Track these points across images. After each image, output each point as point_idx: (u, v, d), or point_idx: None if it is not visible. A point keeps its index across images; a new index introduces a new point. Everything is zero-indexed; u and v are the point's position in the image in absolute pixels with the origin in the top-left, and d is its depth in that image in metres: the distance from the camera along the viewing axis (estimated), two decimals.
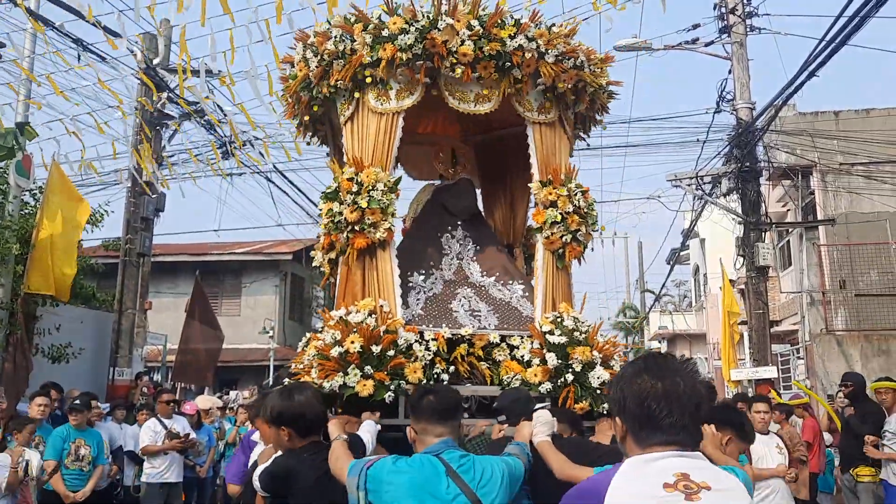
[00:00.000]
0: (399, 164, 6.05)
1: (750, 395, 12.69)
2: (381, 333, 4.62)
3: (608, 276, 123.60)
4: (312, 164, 16.77)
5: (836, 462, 8.17)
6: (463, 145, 6.56)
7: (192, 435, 8.50)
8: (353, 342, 4.53)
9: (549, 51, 5.08)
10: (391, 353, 4.59)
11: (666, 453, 1.99)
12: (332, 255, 5.16)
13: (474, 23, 4.93)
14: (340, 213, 4.90)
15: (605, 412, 4.70)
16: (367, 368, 4.50)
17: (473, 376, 5.06)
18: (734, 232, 14.63)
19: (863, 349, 13.10)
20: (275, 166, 14.68)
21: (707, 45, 13.77)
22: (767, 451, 6.11)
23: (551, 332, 4.93)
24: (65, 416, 7.77)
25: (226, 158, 13.65)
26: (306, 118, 5.61)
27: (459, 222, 5.87)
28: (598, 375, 4.79)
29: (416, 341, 4.71)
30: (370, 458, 3.01)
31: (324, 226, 5.05)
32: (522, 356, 4.95)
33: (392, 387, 4.51)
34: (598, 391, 4.75)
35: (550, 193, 5.20)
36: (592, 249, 5.58)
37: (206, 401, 10.40)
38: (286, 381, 4.76)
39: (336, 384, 4.47)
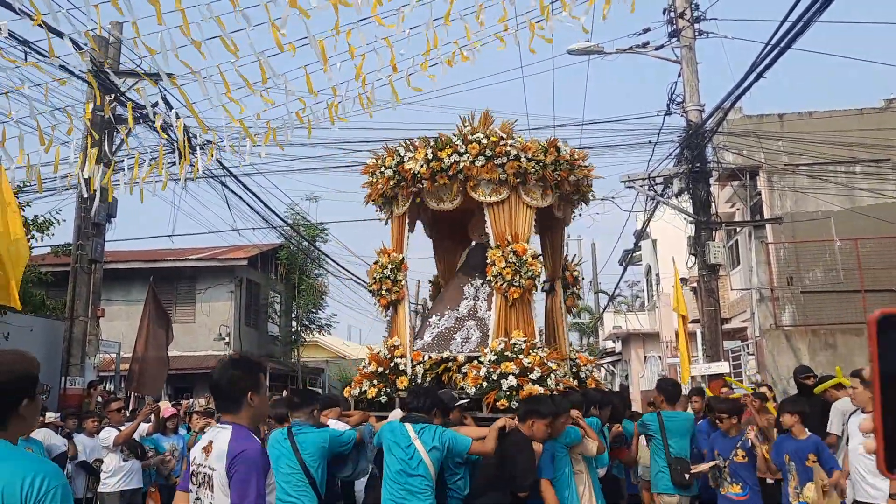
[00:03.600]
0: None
1: (704, 388, 12.97)
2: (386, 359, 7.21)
3: None
4: (267, 169, 16.60)
5: None
6: None
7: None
8: (371, 364, 7.27)
9: (477, 158, 7.02)
10: (386, 371, 7.14)
11: (214, 426, 3.35)
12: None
13: (428, 152, 7.17)
14: (371, 285, 7.68)
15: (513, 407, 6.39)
16: (374, 381, 7.14)
17: (450, 384, 7.10)
18: (686, 232, 14.96)
19: (810, 343, 13.50)
20: (229, 170, 14.51)
21: (657, 48, 14.07)
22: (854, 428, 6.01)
23: (490, 353, 6.84)
24: None
25: (175, 163, 13.43)
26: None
27: (477, 273, 7.85)
28: (509, 383, 6.49)
29: (405, 363, 7.14)
30: None
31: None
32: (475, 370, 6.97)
33: (386, 391, 7.08)
34: (508, 393, 6.49)
35: (494, 255, 7.11)
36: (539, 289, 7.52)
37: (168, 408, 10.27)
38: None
39: (358, 391, 7.22)
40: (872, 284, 14.29)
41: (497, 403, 6.52)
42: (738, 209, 17.02)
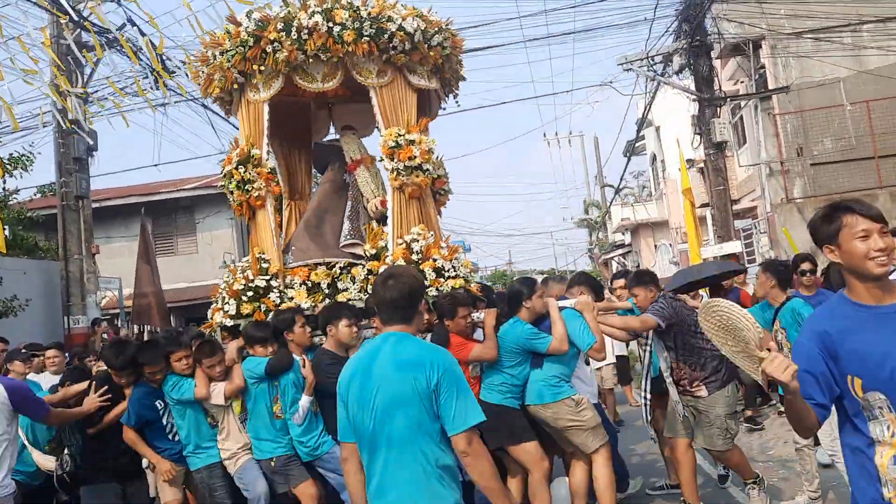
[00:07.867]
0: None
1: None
2: None
3: (567, 176, 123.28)
4: None
5: None
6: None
7: None
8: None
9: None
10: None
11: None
12: None
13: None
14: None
15: None
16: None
17: None
18: (690, 111, 14.38)
19: None
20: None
21: None
22: None
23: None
24: None
25: (155, 88, 12.85)
26: None
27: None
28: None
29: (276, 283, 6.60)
30: None
31: None
32: None
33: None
34: None
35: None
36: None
37: None
38: None
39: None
40: (885, 150, 13.79)
41: None
42: (742, 83, 16.33)
